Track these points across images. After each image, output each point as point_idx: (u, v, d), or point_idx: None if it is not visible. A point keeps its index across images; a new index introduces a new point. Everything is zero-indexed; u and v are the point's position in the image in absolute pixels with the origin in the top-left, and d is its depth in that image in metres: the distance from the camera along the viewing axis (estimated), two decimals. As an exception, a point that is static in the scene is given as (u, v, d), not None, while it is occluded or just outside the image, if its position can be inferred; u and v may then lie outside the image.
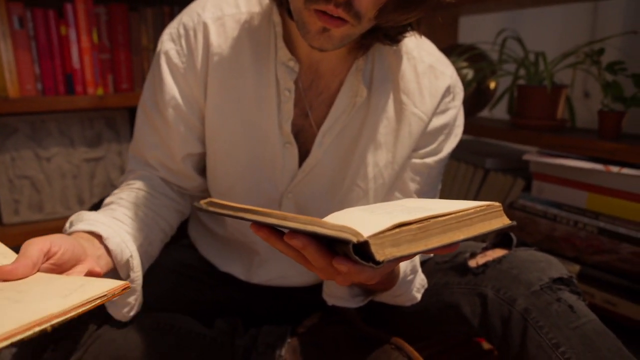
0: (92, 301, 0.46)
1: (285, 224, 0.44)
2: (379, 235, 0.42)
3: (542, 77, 1.25)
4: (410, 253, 0.44)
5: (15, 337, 0.39)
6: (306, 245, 0.46)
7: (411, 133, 0.77)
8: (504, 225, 0.52)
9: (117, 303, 0.67)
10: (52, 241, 0.55)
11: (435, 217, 0.46)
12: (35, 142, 1.38)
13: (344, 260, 0.45)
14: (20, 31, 1.29)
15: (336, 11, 0.58)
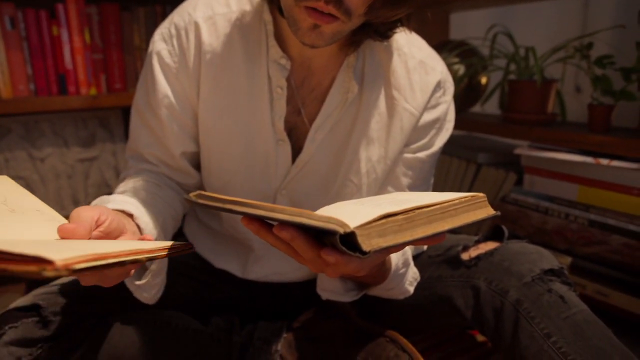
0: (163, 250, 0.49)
1: (273, 215, 0.44)
2: (365, 226, 0.43)
3: (532, 71, 1.26)
4: (396, 243, 0.45)
5: (118, 258, 0.43)
6: (294, 237, 0.47)
7: (403, 128, 0.78)
8: (488, 215, 0.53)
9: (146, 286, 0.69)
10: (100, 210, 0.56)
11: (420, 207, 0.47)
12: (29, 143, 1.38)
13: (332, 252, 0.46)
14: (11, 32, 1.28)
15: (326, 8, 0.58)
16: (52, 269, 0.37)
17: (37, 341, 0.69)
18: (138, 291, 0.69)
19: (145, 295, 0.70)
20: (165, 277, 0.72)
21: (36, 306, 0.71)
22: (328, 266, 0.51)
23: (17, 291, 1.35)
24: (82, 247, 0.45)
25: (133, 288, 0.69)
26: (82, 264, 0.39)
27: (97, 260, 0.40)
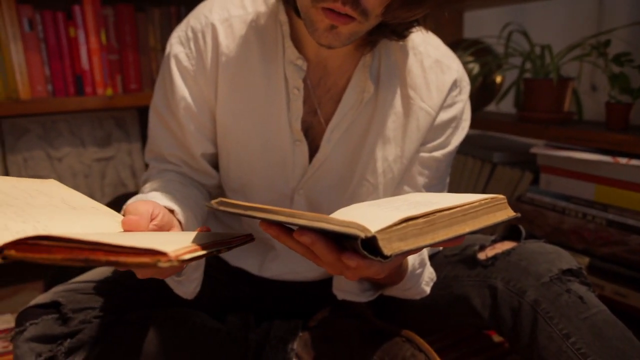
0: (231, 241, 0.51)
1: (293, 221, 0.45)
2: (386, 230, 0.43)
3: (548, 70, 1.25)
4: (417, 247, 0.45)
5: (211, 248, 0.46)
6: (315, 242, 0.47)
7: (419, 127, 0.78)
8: (508, 217, 0.52)
9: (186, 280, 0.70)
10: (153, 205, 0.58)
11: (441, 210, 0.47)
12: (47, 143, 1.40)
13: (353, 256, 0.46)
14: (30, 33, 1.30)
15: (343, 8, 0.58)
16: (167, 260, 0.39)
17: (56, 338, 0.70)
18: (178, 287, 0.71)
19: (185, 290, 0.71)
20: (203, 271, 0.74)
21: (56, 303, 0.72)
22: (348, 269, 0.51)
23: (36, 288, 1.37)
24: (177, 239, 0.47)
25: (173, 284, 0.70)
26: (189, 255, 0.42)
27: (198, 251, 0.43)
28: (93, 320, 0.72)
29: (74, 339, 0.70)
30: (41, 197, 0.50)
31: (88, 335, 0.71)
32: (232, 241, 0.52)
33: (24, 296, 1.33)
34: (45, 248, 0.39)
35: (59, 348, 0.69)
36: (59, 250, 0.40)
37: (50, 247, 0.40)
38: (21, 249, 0.39)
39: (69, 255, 0.39)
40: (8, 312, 1.23)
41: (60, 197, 0.54)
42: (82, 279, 0.78)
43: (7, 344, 1.09)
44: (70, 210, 0.51)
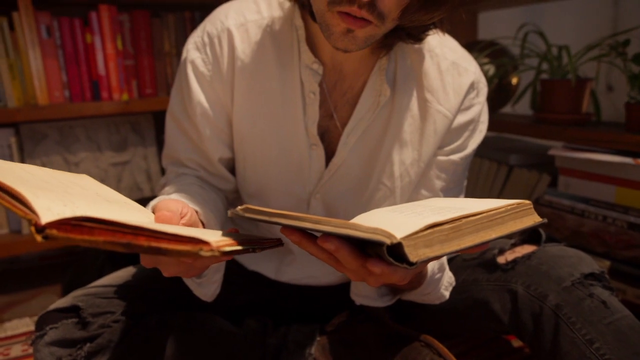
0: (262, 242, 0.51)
1: (319, 227, 0.44)
2: (411, 236, 0.43)
3: (565, 70, 1.24)
4: (443, 253, 0.45)
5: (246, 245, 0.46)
6: (339, 248, 0.47)
7: (436, 130, 0.77)
8: (535, 223, 0.52)
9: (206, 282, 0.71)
10: (182, 204, 0.59)
11: (467, 216, 0.46)
12: (64, 148, 1.41)
13: (378, 262, 0.46)
14: (47, 40, 1.32)
15: (359, 12, 0.58)
16: (208, 249, 0.40)
17: (76, 342, 0.70)
18: (198, 288, 0.71)
19: (205, 292, 0.72)
20: (223, 274, 0.74)
21: (75, 307, 0.73)
22: (370, 276, 0.50)
23: (54, 292, 1.38)
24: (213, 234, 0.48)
25: (193, 286, 0.71)
26: (228, 247, 0.42)
27: (236, 245, 0.44)
28: (112, 325, 0.72)
29: (93, 343, 0.70)
30: (77, 188, 0.51)
31: (107, 339, 0.71)
32: (264, 243, 0.52)
33: (42, 300, 1.34)
34: (87, 230, 0.39)
35: (79, 352, 0.69)
36: (101, 233, 0.40)
37: (93, 229, 0.40)
38: (63, 229, 0.39)
39: (111, 238, 0.40)
40: (27, 315, 1.24)
41: (94, 190, 0.55)
42: (101, 284, 0.78)
43: (27, 347, 1.10)
44: (105, 202, 0.51)
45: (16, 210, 0.40)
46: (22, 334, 1.15)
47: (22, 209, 0.40)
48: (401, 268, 0.44)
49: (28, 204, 0.40)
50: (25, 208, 0.40)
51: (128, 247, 0.40)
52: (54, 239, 0.39)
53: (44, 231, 0.38)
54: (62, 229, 0.39)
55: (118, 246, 0.40)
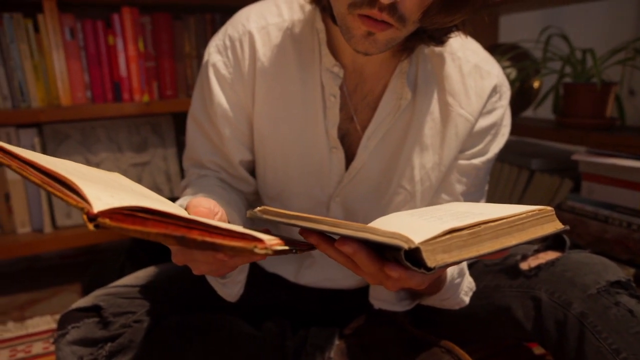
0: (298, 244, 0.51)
1: (337, 230, 0.44)
2: (430, 241, 0.42)
3: (589, 74, 1.22)
4: (461, 259, 0.44)
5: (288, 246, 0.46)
6: (357, 252, 0.47)
7: (457, 134, 0.77)
8: (556, 230, 0.50)
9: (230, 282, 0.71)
10: (214, 202, 0.60)
11: (486, 222, 0.45)
12: (86, 148, 1.43)
13: (396, 266, 0.45)
14: (71, 42, 1.34)
15: (380, 15, 0.57)
16: (262, 247, 0.40)
17: (97, 341, 0.71)
18: (222, 289, 0.71)
19: (229, 292, 0.72)
20: (246, 274, 0.74)
21: (97, 307, 0.73)
22: (388, 280, 0.50)
23: (74, 290, 1.40)
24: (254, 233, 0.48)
25: (218, 286, 0.71)
26: (279, 246, 0.43)
27: (283, 245, 0.44)
28: (133, 325, 0.73)
29: (114, 342, 0.71)
30: (114, 183, 0.51)
31: (128, 339, 0.72)
32: (300, 245, 0.52)
33: (62, 298, 1.36)
34: (140, 220, 0.39)
35: (100, 352, 0.70)
36: (155, 225, 0.39)
37: (146, 220, 0.39)
38: (116, 219, 0.38)
39: (164, 230, 0.39)
40: (47, 313, 1.26)
41: (130, 187, 0.55)
42: (122, 283, 0.79)
43: (48, 344, 1.11)
44: (143, 197, 0.52)
45: (67, 198, 0.40)
46: (43, 332, 1.17)
47: (74, 197, 0.39)
48: (419, 273, 0.43)
49: (80, 192, 0.40)
50: (77, 196, 0.40)
51: (181, 240, 0.39)
52: (105, 228, 0.38)
53: (96, 220, 0.38)
54: (115, 218, 0.38)
55: (170, 239, 0.39)
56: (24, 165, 0.43)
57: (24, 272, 1.55)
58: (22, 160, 0.43)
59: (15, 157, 0.43)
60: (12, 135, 1.35)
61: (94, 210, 0.38)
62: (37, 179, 0.42)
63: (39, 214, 1.40)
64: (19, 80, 1.32)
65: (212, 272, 0.56)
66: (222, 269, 0.56)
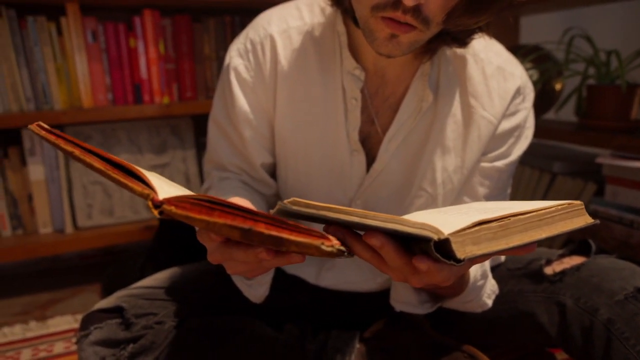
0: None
1: (366, 222, 0.44)
2: (459, 232, 0.42)
3: (613, 76, 1.19)
4: (490, 251, 0.43)
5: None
6: (384, 244, 0.46)
7: (480, 137, 0.76)
8: (586, 224, 0.50)
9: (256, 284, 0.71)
10: (247, 202, 0.60)
11: (515, 215, 0.45)
12: (106, 149, 1.44)
13: (425, 258, 0.44)
14: (93, 44, 1.35)
15: (404, 17, 0.57)
16: (329, 245, 0.40)
17: (120, 342, 0.71)
18: (248, 290, 0.71)
19: (254, 294, 0.72)
20: (272, 276, 0.74)
21: (119, 308, 0.74)
22: (414, 275, 0.49)
23: (94, 290, 1.41)
24: None
25: (244, 287, 0.71)
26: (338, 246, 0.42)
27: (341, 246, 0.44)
28: (154, 326, 0.73)
29: (136, 344, 0.71)
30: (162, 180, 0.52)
31: (150, 340, 0.72)
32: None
33: (82, 298, 1.38)
34: (206, 210, 0.39)
35: (122, 352, 0.70)
36: (221, 215, 0.39)
37: (213, 209, 0.39)
38: (182, 207, 0.38)
39: (231, 221, 0.38)
40: (68, 313, 1.28)
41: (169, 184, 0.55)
42: (144, 285, 0.80)
43: (69, 344, 1.12)
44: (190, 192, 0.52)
45: (132, 185, 0.40)
46: (65, 332, 1.18)
47: (139, 184, 0.40)
48: (447, 266, 0.43)
49: (146, 179, 0.40)
50: (143, 184, 0.40)
51: (247, 233, 0.38)
52: (171, 215, 0.38)
53: (161, 207, 0.37)
54: (181, 206, 0.38)
55: (236, 231, 0.39)
56: (86, 152, 0.43)
57: (45, 272, 1.57)
58: (84, 148, 0.43)
59: (78, 145, 0.43)
60: (35, 136, 1.37)
61: (159, 197, 0.38)
62: (101, 165, 0.42)
63: (61, 214, 1.42)
64: (42, 83, 1.34)
65: (247, 273, 0.56)
66: (258, 269, 0.55)
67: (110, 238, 1.41)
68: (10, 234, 1.41)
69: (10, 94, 1.32)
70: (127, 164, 0.42)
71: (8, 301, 1.37)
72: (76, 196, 1.43)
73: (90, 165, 0.42)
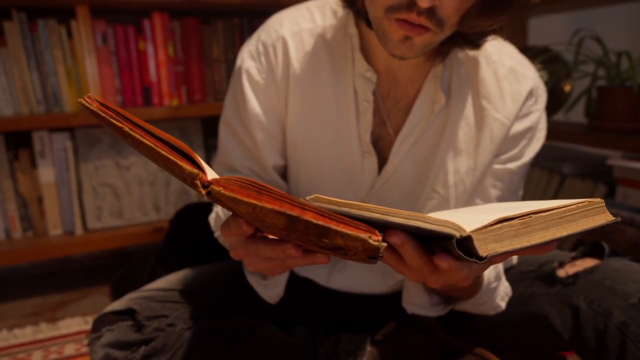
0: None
1: (388, 218, 0.43)
2: (481, 230, 0.41)
3: (624, 77, 1.19)
4: (513, 249, 0.43)
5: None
6: (405, 242, 0.45)
7: (493, 139, 0.75)
8: (607, 222, 0.49)
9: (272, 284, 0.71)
10: None
11: (537, 212, 0.44)
12: (116, 152, 1.45)
13: (446, 256, 0.44)
14: (103, 47, 1.36)
15: (418, 19, 0.57)
16: (376, 239, 0.38)
17: (131, 344, 0.71)
18: (264, 290, 0.72)
19: (270, 294, 0.72)
20: (287, 276, 0.74)
21: (131, 310, 0.74)
22: (433, 275, 0.49)
23: (103, 292, 1.42)
24: None
25: (259, 288, 0.71)
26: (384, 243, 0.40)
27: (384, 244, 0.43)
28: (166, 329, 0.73)
29: (148, 346, 0.71)
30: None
31: (161, 343, 0.72)
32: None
33: (92, 300, 1.38)
34: (254, 194, 0.38)
35: (134, 355, 0.71)
36: (269, 200, 0.38)
37: (261, 193, 0.38)
38: (230, 189, 0.37)
39: (279, 207, 0.37)
40: (78, 314, 1.28)
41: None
42: (155, 287, 0.80)
43: (80, 346, 1.13)
44: None
45: (182, 164, 0.39)
46: (75, 333, 1.19)
47: (189, 164, 0.39)
48: (467, 265, 0.43)
49: (196, 158, 0.39)
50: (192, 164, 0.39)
51: (294, 220, 0.38)
52: (218, 197, 0.37)
53: (209, 187, 0.37)
54: (229, 188, 0.38)
55: (283, 218, 0.38)
56: (136, 127, 0.42)
57: (55, 274, 1.58)
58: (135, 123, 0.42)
59: (127, 119, 0.42)
60: (45, 138, 1.37)
61: (207, 177, 0.37)
62: (150, 141, 0.41)
63: (70, 216, 1.43)
64: (53, 85, 1.35)
65: (268, 271, 0.55)
66: (279, 267, 0.55)
67: (119, 240, 1.42)
68: (20, 236, 1.41)
69: (21, 97, 1.33)
70: (178, 142, 0.41)
71: (19, 303, 1.38)
72: (86, 198, 1.43)
73: (139, 142, 0.41)
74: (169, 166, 0.41)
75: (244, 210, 0.39)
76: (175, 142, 0.41)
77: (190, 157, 0.41)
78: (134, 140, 0.41)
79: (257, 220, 0.41)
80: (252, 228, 0.45)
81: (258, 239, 0.48)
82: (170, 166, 0.40)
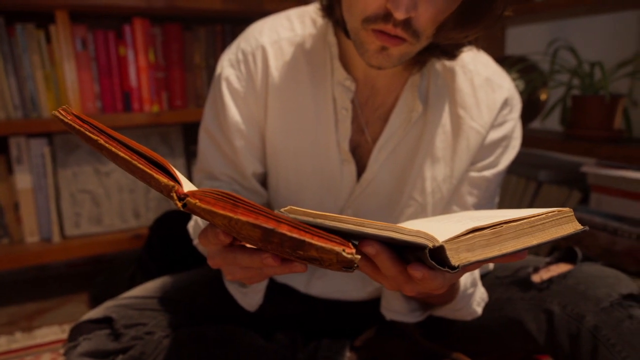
0: None
1: (361, 229, 0.44)
2: (453, 240, 0.42)
3: (597, 87, 1.22)
4: (485, 258, 0.44)
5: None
6: (379, 252, 0.46)
7: (469, 147, 0.77)
8: (576, 230, 0.51)
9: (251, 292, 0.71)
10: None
11: (508, 222, 0.46)
12: (95, 158, 1.44)
13: (419, 266, 0.45)
14: (82, 52, 1.35)
15: (394, 30, 0.58)
16: (349, 252, 0.39)
17: (109, 353, 0.71)
18: (243, 298, 0.72)
19: (249, 302, 0.72)
20: (266, 284, 0.74)
21: (108, 319, 0.73)
22: (408, 283, 0.49)
23: (81, 300, 1.40)
24: None
25: (239, 296, 0.71)
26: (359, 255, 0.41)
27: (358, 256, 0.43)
28: (144, 337, 0.73)
29: (125, 355, 0.71)
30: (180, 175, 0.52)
31: (139, 351, 0.72)
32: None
33: (70, 308, 1.36)
34: (230, 206, 0.38)
35: (112, 363, 0.70)
36: (245, 213, 0.38)
37: (237, 206, 0.38)
38: (206, 201, 0.38)
39: (255, 220, 0.38)
40: (55, 323, 1.26)
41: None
42: (133, 295, 0.79)
43: (56, 355, 1.11)
44: None
45: (158, 176, 0.39)
46: (52, 342, 1.17)
47: (165, 176, 0.39)
48: (441, 274, 0.43)
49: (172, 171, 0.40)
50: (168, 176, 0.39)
51: (269, 233, 0.38)
52: (194, 209, 0.38)
53: (185, 200, 0.37)
54: (205, 200, 0.38)
55: (258, 230, 0.38)
56: (112, 140, 0.42)
57: (32, 282, 1.55)
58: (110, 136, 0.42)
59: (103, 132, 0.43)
60: (23, 144, 1.36)
61: (183, 189, 0.38)
62: (126, 154, 0.41)
63: (48, 223, 1.41)
64: (30, 90, 1.33)
65: (246, 280, 0.55)
66: (258, 276, 0.55)
67: (98, 247, 1.40)
68: (-4, 243, 1.39)
69: (-2, 102, 1.31)
70: (154, 154, 0.41)
71: (-7, 311, 1.35)
72: (64, 205, 1.41)
73: (115, 155, 0.41)
74: (145, 178, 0.41)
75: (220, 223, 0.40)
76: (152, 155, 0.42)
77: (166, 169, 0.42)
78: (109, 153, 0.42)
79: (233, 231, 0.41)
80: (230, 238, 0.46)
81: (236, 248, 0.49)
82: (146, 178, 0.41)
